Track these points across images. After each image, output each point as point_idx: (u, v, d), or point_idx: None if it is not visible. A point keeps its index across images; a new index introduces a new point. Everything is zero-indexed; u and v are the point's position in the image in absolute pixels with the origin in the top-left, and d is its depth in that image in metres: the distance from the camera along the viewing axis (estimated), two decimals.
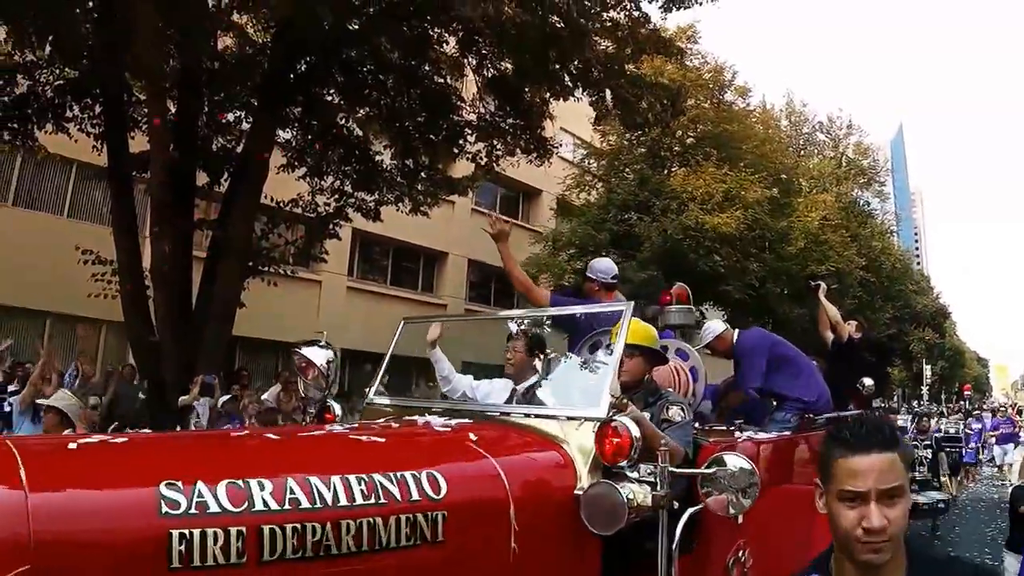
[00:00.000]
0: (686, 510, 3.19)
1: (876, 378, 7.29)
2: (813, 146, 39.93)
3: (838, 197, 32.72)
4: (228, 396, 10.71)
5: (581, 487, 3.20)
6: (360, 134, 14.28)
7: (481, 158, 14.77)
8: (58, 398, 6.09)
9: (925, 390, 53.24)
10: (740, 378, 6.17)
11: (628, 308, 3.81)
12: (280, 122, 12.77)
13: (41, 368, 8.17)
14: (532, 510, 3.04)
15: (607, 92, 12.98)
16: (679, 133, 23.33)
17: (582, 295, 5.85)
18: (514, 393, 4.75)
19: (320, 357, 4.28)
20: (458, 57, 13.42)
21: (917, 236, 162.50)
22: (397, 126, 13.69)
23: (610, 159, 25.59)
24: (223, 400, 10.43)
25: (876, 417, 2.09)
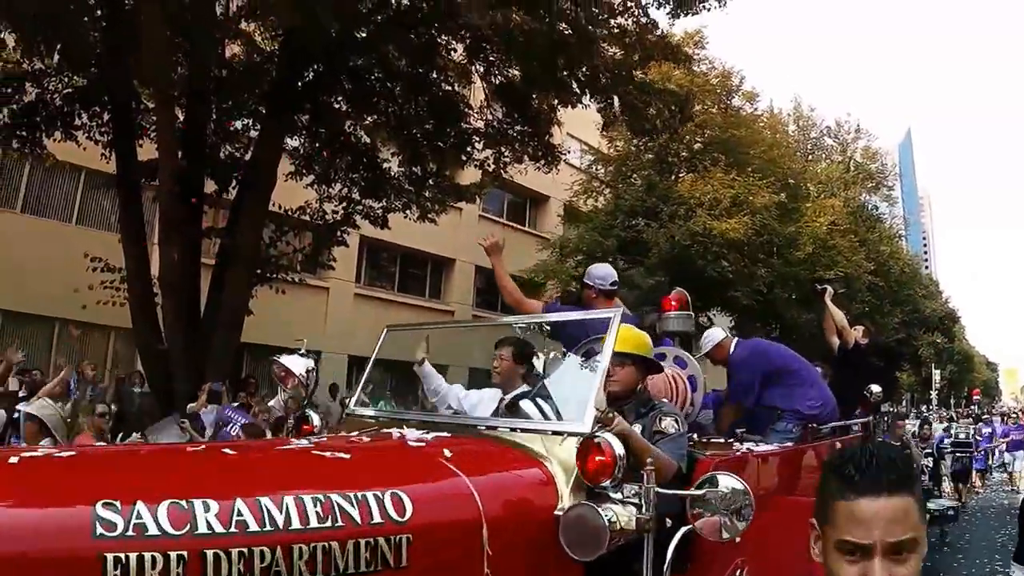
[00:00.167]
0: (680, 528, 3.04)
1: (885, 383, 7.20)
2: (821, 151, 39.79)
3: (846, 202, 32.57)
4: (236, 404, 10.70)
5: (562, 507, 3.02)
6: (368, 141, 14.28)
7: (489, 165, 14.76)
8: (37, 407, 6.01)
9: (934, 395, 53.04)
10: (731, 392, 6.08)
11: (616, 315, 3.61)
12: (288, 129, 12.77)
13: (57, 383, 8.17)
14: (508, 532, 2.87)
15: (615, 99, 12.96)
16: (687, 138, 23.29)
17: (582, 304, 5.60)
18: (502, 403, 4.56)
19: (299, 366, 4.18)
20: (466, 64, 13.42)
21: (925, 240, 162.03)
22: (405, 133, 13.68)
23: (617, 165, 25.54)
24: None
25: (889, 446, 1.77)
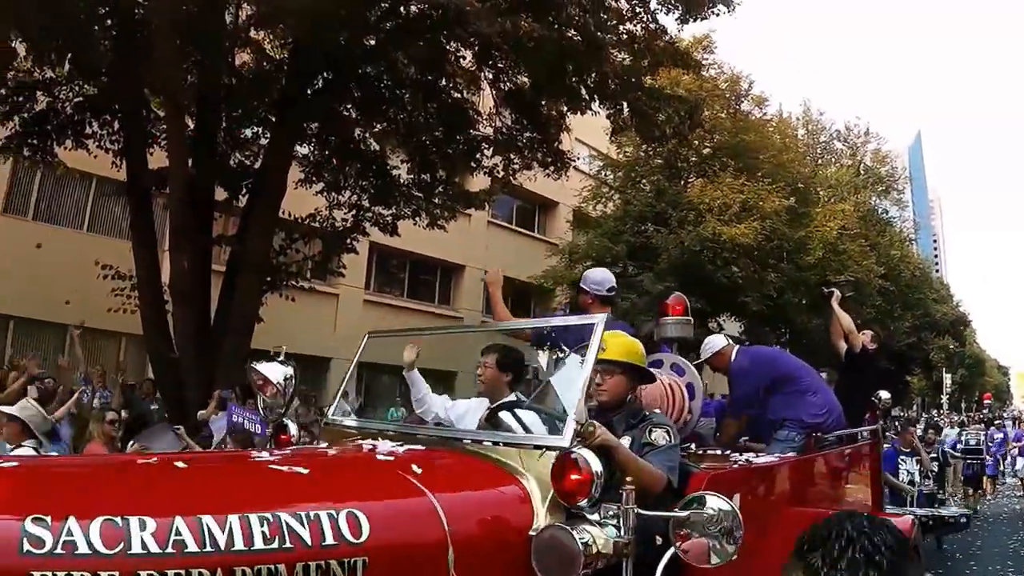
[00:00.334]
0: (669, 549, 2.84)
1: (895, 387, 7.05)
2: (831, 155, 39.67)
3: (856, 206, 32.42)
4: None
5: (538, 527, 2.85)
6: (377, 149, 14.32)
7: (498, 172, 14.76)
8: (19, 408, 5.97)
9: (945, 399, 52.87)
10: (732, 403, 6.00)
11: (600, 321, 3.40)
12: (297, 137, 12.82)
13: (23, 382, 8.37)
14: (476, 554, 2.71)
15: (624, 105, 12.94)
16: (696, 144, 23.25)
17: (580, 310, 5.35)
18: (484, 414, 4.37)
19: (276, 373, 4.05)
20: (474, 71, 13.40)
21: (936, 244, 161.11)
22: (414, 140, 13.72)
23: (626, 171, 25.50)
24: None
25: (873, 527, 1.53)
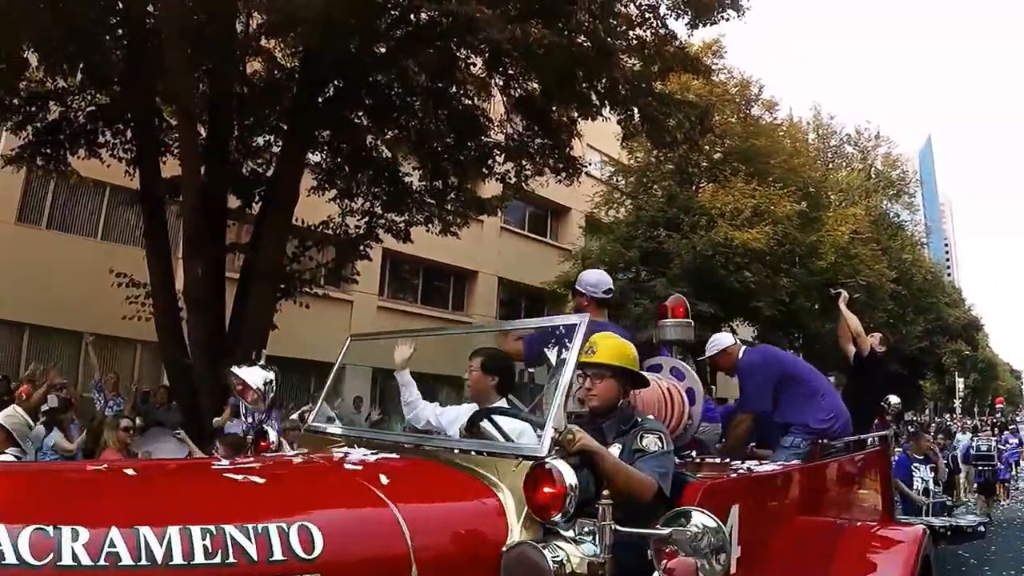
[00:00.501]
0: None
1: (907, 391, 6.93)
2: (841, 159, 39.56)
3: (868, 210, 32.28)
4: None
5: (511, 544, 2.68)
6: (389, 156, 14.33)
7: (510, 178, 14.74)
8: (4, 415, 5.90)
9: (957, 403, 52.59)
10: (743, 400, 5.72)
11: (582, 321, 3.22)
12: (309, 145, 12.85)
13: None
14: (443, 572, 2.57)
15: (635, 111, 12.93)
16: (707, 149, 23.23)
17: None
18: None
19: (256, 378, 3.92)
20: (485, 78, 13.43)
21: (947, 248, 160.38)
22: (426, 147, 13.73)
23: (638, 176, 25.54)
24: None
25: None
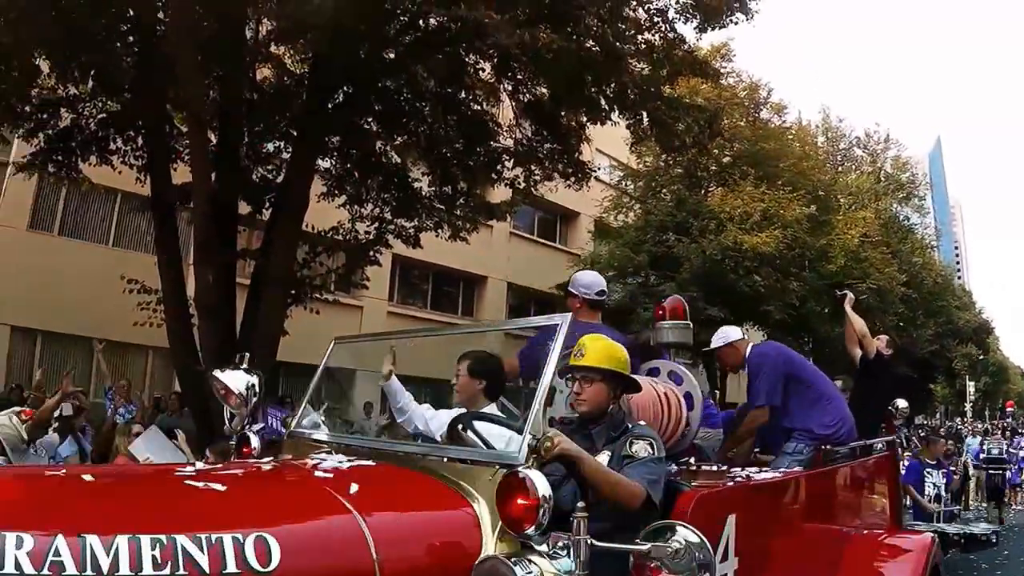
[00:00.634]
0: None
1: (917, 395, 6.76)
2: (851, 162, 39.48)
3: (877, 213, 32.24)
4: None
5: (483, 557, 2.53)
6: (398, 161, 14.33)
7: (519, 183, 14.72)
8: None
9: (968, 407, 52.46)
10: (755, 395, 5.48)
11: (563, 321, 3.07)
12: (319, 151, 12.86)
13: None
14: None
15: (644, 115, 12.89)
16: (716, 152, 23.23)
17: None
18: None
19: (239, 382, 3.82)
20: (494, 83, 13.44)
21: (958, 251, 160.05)
22: (435, 153, 13.73)
23: (647, 180, 25.54)
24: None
25: None
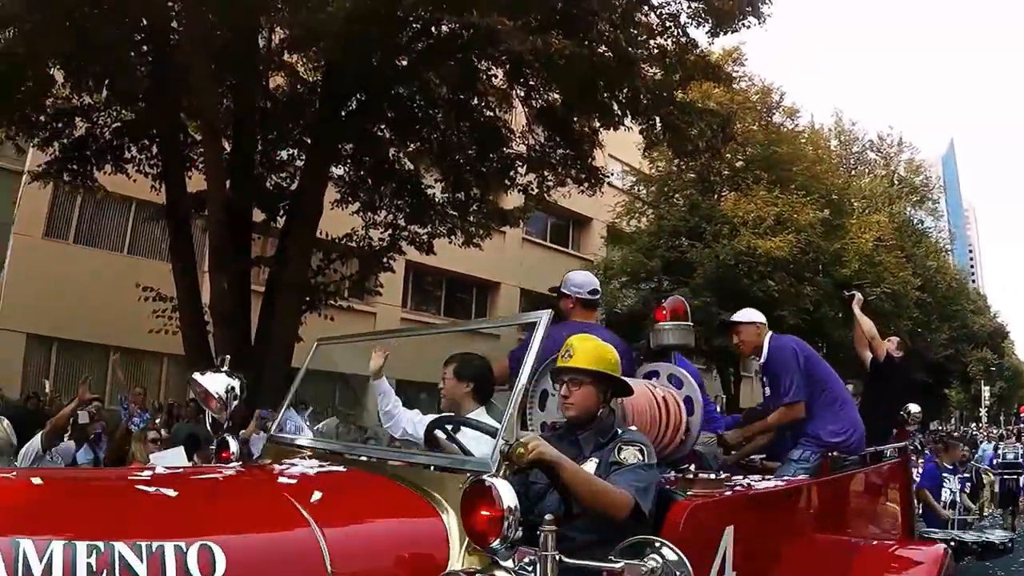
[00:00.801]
0: None
1: (932, 400, 6.55)
2: (864, 165, 39.28)
3: (891, 217, 32.07)
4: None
5: (446, 573, 2.38)
6: (411, 168, 14.39)
7: (532, 189, 14.77)
8: None
9: (983, 411, 52.07)
10: (781, 389, 5.09)
11: (543, 319, 2.89)
12: (333, 158, 12.92)
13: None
14: None
15: (656, 120, 12.88)
16: (728, 157, 23.16)
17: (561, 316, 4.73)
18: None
19: (219, 385, 3.74)
20: (506, 89, 13.47)
21: (972, 254, 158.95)
22: (448, 159, 13.78)
23: (659, 185, 25.48)
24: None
25: None
